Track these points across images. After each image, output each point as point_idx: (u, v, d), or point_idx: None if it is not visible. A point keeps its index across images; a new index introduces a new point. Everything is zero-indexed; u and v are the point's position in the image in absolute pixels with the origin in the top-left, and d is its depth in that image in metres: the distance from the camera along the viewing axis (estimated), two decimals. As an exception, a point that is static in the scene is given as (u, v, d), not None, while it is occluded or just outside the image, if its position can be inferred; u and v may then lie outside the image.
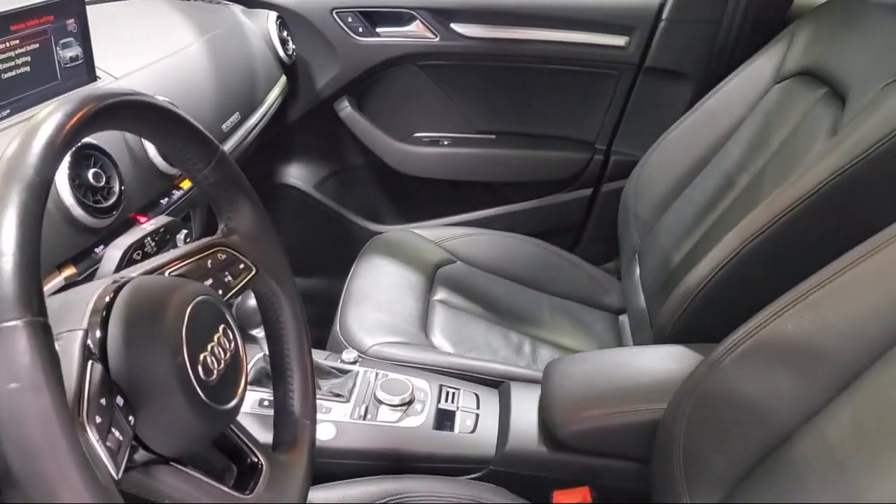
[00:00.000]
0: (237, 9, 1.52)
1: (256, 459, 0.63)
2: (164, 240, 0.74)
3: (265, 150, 1.61)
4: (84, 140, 0.81)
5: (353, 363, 1.05)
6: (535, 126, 1.74)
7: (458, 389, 1.04)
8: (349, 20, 1.63)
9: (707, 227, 1.20)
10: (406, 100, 1.73)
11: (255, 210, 0.69)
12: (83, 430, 0.45)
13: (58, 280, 0.77)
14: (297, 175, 1.80)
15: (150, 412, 0.51)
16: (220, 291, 0.64)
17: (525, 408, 0.99)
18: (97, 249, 0.83)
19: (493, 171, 1.75)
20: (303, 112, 1.71)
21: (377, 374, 1.03)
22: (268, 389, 0.97)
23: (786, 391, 0.75)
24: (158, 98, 0.58)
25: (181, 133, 0.61)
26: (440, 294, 1.36)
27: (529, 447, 0.94)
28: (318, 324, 1.13)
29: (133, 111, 0.56)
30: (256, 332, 0.98)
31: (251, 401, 0.95)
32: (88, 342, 0.49)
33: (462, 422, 0.99)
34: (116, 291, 0.53)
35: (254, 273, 0.69)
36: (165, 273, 0.60)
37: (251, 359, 1.02)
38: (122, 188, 0.86)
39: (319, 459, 0.91)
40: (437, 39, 1.63)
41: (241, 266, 0.68)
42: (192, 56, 1.19)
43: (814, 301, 0.76)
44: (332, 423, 0.94)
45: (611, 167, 1.71)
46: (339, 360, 1.05)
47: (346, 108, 1.71)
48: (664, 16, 1.56)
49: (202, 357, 0.54)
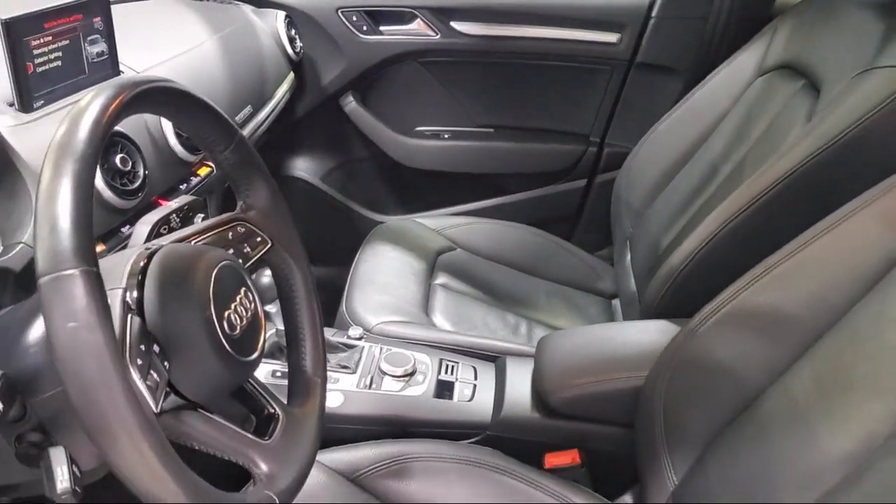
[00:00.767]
0: (248, 8, 1.59)
1: (273, 410, 0.70)
2: (188, 217, 0.81)
3: (273, 144, 1.68)
4: (112, 128, 0.88)
5: (359, 339, 1.12)
6: (532, 120, 1.80)
7: (457, 363, 1.11)
8: (354, 19, 1.69)
9: (692, 214, 1.26)
10: (408, 95, 1.80)
11: (271, 189, 0.76)
12: (127, 369, 0.52)
13: (88, 255, 0.84)
14: (304, 168, 1.87)
15: (182, 360, 0.57)
16: (240, 261, 0.70)
17: (519, 379, 1.06)
18: (123, 229, 0.91)
19: (492, 164, 1.82)
20: (309, 107, 1.77)
21: (381, 349, 1.10)
22: (280, 361, 1.04)
23: (755, 354, 0.82)
24: (185, 85, 0.65)
25: (205, 117, 0.68)
26: (441, 279, 1.42)
27: (523, 414, 1.01)
28: (325, 309, 1.20)
29: (164, 96, 0.62)
30: (270, 308, 1.05)
31: (265, 372, 1.02)
32: (127, 299, 0.55)
33: (460, 391, 1.05)
34: (150, 257, 0.60)
35: (270, 246, 0.75)
36: (192, 243, 0.67)
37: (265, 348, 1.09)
38: (146, 173, 0.93)
39: (329, 425, 0.98)
40: (438, 37, 1.70)
41: (258, 239, 0.74)
42: (207, 52, 1.26)
43: (781, 272, 0.83)
44: (341, 392, 1.01)
45: (604, 159, 1.77)
46: (346, 336, 1.12)
47: (351, 104, 1.78)
48: (654, 13, 1.62)
49: (227, 314, 0.61)
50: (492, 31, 1.69)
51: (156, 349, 0.56)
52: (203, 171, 1.09)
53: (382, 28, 1.71)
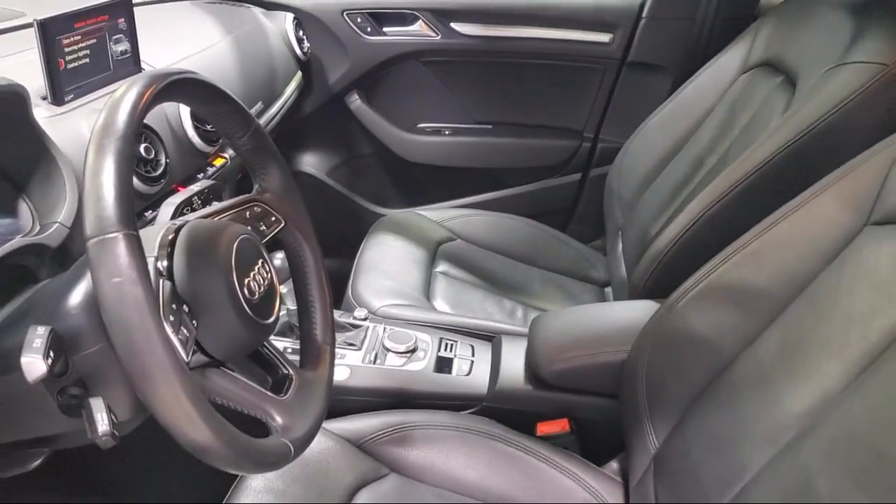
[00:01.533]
0: (258, 11, 1.67)
1: (287, 372, 0.77)
2: (208, 199, 0.88)
3: (282, 141, 1.74)
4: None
5: (364, 319, 1.19)
6: (529, 116, 1.88)
7: (456, 341, 1.18)
8: (358, 21, 1.77)
9: (679, 203, 1.33)
10: (410, 93, 1.87)
11: (284, 174, 0.83)
12: (162, 322, 0.59)
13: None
14: (312, 163, 1.94)
15: (208, 320, 0.64)
16: (257, 237, 0.78)
17: (514, 355, 1.13)
18: (147, 213, 0.98)
19: (491, 158, 1.89)
20: (317, 105, 1.85)
21: (385, 328, 1.17)
22: (291, 339, 1.11)
23: (729, 325, 0.88)
24: (209, 78, 0.72)
25: (226, 107, 0.75)
26: (442, 266, 1.50)
27: (517, 386, 1.08)
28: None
29: (190, 87, 0.70)
30: (282, 289, 1.12)
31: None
32: (158, 266, 0.63)
33: (459, 367, 1.13)
34: (177, 231, 0.67)
35: (283, 225, 0.83)
36: (214, 220, 0.74)
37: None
38: (168, 161, 1.01)
39: (336, 396, 1.05)
40: (439, 38, 1.77)
41: (273, 219, 0.82)
42: (220, 51, 1.34)
43: (752, 250, 0.90)
44: (347, 367, 1.08)
45: (598, 153, 1.84)
46: (352, 317, 1.19)
47: (356, 101, 1.86)
48: (644, 14, 1.69)
49: (246, 281, 0.68)
50: (490, 32, 1.76)
51: (185, 309, 0.63)
52: (218, 162, 1.17)
53: (386, 29, 1.79)
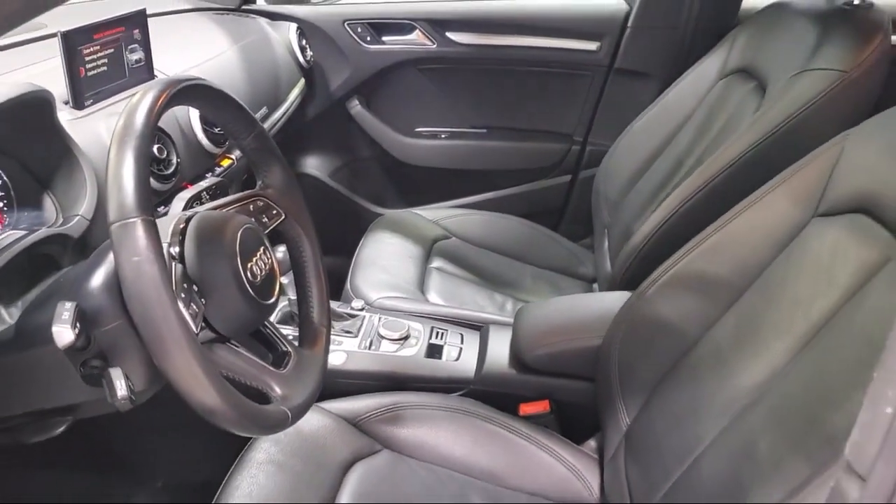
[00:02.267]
0: (263, 21, 1.76)
1: (286, 349, 0.85)
2: (216, 194, 0.97)
3: (286, 144, 1.80)
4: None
5: (361, 310, 1.27)
6: (521, 121, 1.96)
7: (447, 330, 1.26)
8: (359, 30, 1.86)
9: (659, 202, 1.41)
10: (408, 99, 1.95)
11: (285, 171, 0.91)
12: (174, 297, 0.67)
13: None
14: (314, 165, 2.03)
15: (215, 299, 0.72)
16: (260, 227, 0.86)
17: (500, 343, 1.20)
18: (160, 209, 1.07)
19: (485, 161, 1.97)
20: (319, 110, 1.94)
21: (380, 318, 1.25)
22: (292, 327, 1.19)
23: (692, 311, 0.96)
24: (217, 84, 0.80)
25: (232, 110, 0.83)
26: (436, 263, 1.57)
27: (502, 370, 1.15)
28: (330, 292, 1.34)
29: (200, 92, 0.78)
30: (283, 279, 1.20)
31: (278, 336, 1.17)
32: (171, 251, 0.71)
33: (448, 353, 1.20)
34: (187, 221, 0.75)
35: (283, 218, 0.91)
36: (221, 211, 0.82)
37: (279, 304, 1.24)
38: (178, 161, 1.09)
39: (333, 379, 1.13)
40: (435, 46, 1.86)
41: (274, 212, 0.90)
42: (228, 60, 1.43)
43: (713, 242, 0.98)
44: (344, 352, 1.16)
45: (587, 156, 1.92)
46: (350, 308, 1.28)
47: (357, 107, 1.95)
48: (630, 23, 1.77)
49: (249, 265, 0.76)
50: (484, 41, 1.85)
51: (195, 289, 0.71)
52: (226, 163, 1.25)
53: (385, 38, 1.88)
